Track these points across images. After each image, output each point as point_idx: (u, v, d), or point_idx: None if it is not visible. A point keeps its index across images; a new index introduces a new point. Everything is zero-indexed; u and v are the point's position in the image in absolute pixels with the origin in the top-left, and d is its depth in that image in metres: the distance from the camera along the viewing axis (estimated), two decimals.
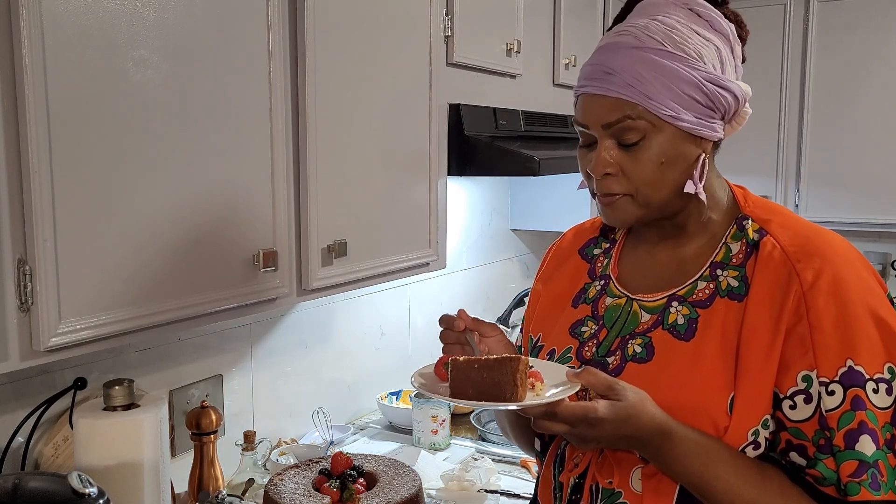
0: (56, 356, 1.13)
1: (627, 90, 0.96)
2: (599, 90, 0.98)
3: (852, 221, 3.06)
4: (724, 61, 0.99)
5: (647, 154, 0.97)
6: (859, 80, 3.03)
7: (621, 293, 1.08)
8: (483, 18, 2.06)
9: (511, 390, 0.91)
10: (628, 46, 0.97)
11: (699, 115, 0.97)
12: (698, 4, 1.00)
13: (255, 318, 1.94)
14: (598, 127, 0.99)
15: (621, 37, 0.99)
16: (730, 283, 0.99)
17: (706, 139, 0.99)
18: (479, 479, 1.83)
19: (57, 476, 1.07)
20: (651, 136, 0.97)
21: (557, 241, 1.25)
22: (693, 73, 0.96)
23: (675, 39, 0.97)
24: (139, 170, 1.20)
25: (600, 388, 0.91)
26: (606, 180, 1.00)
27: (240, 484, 1.67)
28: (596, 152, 1.00)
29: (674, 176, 0.99)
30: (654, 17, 0.99)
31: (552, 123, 2.38)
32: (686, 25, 0.98)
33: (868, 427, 0.89)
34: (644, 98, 0.95)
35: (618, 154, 0.98)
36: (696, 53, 0.97)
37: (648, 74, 0.95)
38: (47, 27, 1.06)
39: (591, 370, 0.92)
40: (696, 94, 0.96)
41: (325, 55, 1.52)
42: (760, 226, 1.01)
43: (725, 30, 1.00)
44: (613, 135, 0.98)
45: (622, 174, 0.99)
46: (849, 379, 0.90)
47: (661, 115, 0.96)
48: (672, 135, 0.97)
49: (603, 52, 1.00)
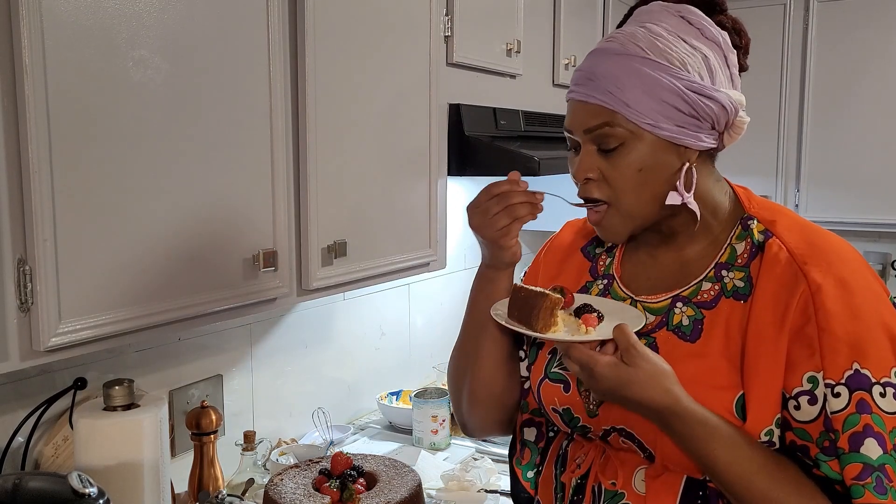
0: (56, 356, 1.13)
1: (607, 97, 0.97)
2: (582, 96, 0.99)
3: (852, 221, 3.06)
4: (714, 70, 0.98)
5: (626, 161, 0.98)
6: (859, 80, 3.03)
7: (625, 294, 1.09)
8: (483, 18, 2.06)
9: (535, 322, 0.99)
10: (612, 53, 0.98)
11: (681, 125, 0.97)
12: (691, 12, 1.00)
13: (255, 318, 1.94)
14: (581, 132, 1.00)
15: (608, 43, 1.00)
16: (735, 284, 0.99)
17: (690, 148, 0.99)
18: (479, 479, 1.83)
19: (57, 476, 1.07)
20: (630, 143, 0.97)
21: (554, 236, 1.25)
22: (675, 81, 0.96)
23: (658, 47, 0.97)
24: (139, 170, 1.20)
25: (620, 347, 0.94)
26: (588, 185, 1.01)
27: (240, 484, 1.67)
28: (579, 158, 1.01)
29: (654, 184, 0.99)
30: (644, 25, 1.00)
31: (552, 123, 2.38)
32: (673, 33, 0.98)
33: (874, 430, 0.89)
34: (623, 105, 0.96)
35: (599, 160, 1.00)
36: (680, 62, 0.96)
37: (629, 82, 0.96)
38: (47, 27, 1.06)
39: (622, 328, 0.94)
40: (678, 103, 0.96)
41: (325, 55, 1.52)
42: (766, 227, 1.01)
43: (717, 38, 1.00)
44: (594, 140, 0.99)
45: (603, 180, 1.00)
46: (855, 382, 0.89)
47: (639, 123, 0.96)
48: (652, 143, 0.97)
49: (591, 58, 1.01)
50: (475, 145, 1.96)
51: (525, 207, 1.06)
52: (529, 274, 1.24)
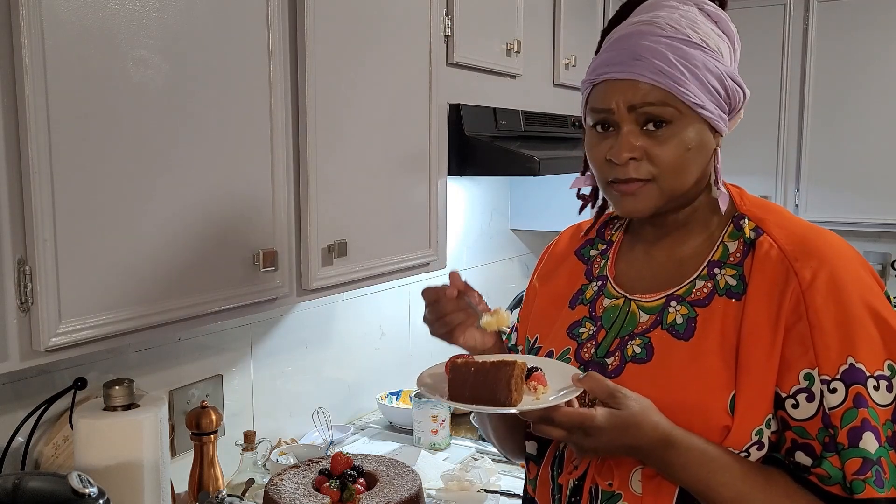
0: (56, 356, 1.13)
1: (657, 75, 0.96)
2: (628, 75, 0.97)
3: (852, 221, 3.06)
4: (732, 60, 1.02)
5: (674, 140, 0.97)
6: (859, 80, 3.03)
7: (619, 294, 1.08)
8: (483, 18, 2.06)
9: (506, 395, 0.91)
10: (655, 35, 0.98)
11: (720, 108, 0.99)
12: (707, 4, 1.02)
13: (255, 318, 1.94)
14: (624, 111, 0.98)
15: (646, 26, 0.99)
16: (728, 282, 1.00)
17: (718, 133, 1.01)
18: (479, 479, 1.83)
19: (57, 476, 1.07)
20: (678, 122, 0.97)
21: (553, 242, 1.26)
22: (718, 65, 0.98)
23: (699, 33, 0.98)
24: (139, 170, 1.20)
25: (602, 395, 0.91)
26: (629, 166, 0.98)
27: (240, 484, 1.67)
28: (620, 137, 0.98)
29: (696, 165, 0.99)
30: (675, 10, 1.00)
31: (552, 123, 2.38)
32: (703, 22, 1.00)
33: (871, 424, 0.89)
34: (673, 84, 0.96)
35: (642, 139, 0.98)
36: (717, 47, 0.99)
37: (678, 61, 0.96)
38: (47, 27, 1.06)
39: (594, 376, 0.92)
40: (719, 88, 0.98)
41: (325, 55, 1.52)
42: (757, 224, 1.01)
43: (731, 31, 1.02)
44: (638, 119, 0.98)
45: (646, 159, 0.98)
46: (850, 376, 0.90)
47: (688, 102, 0.96)
48: (697, 124, 0.98)
49: (628, 39, 0.99)
50: (475, 145, 1.96)
51: (458, 316, 1.07)
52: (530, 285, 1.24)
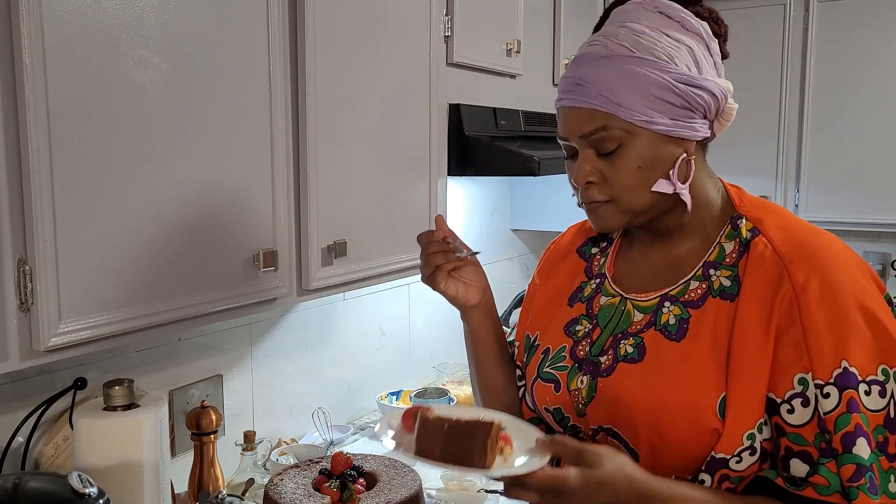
0: (56, 356, 1.13)
1: (599, 100, 0.97)
2: (574, 102, 0.99)
3: (852, 221, 3.06)
4: (700, 60, 0.99)
5: (625, 161, 0.98)
6: (859, 80, 3.03)
7: (615, 292, 1.09)
8: (483, 18, 2.06)
9: (480, 456, 0.88)
10: (598, 56, 0.98)
11: (675, 117, 0.97)
12: (668, 7, 1.00)
13: (255, 318, 1.94)
14: (576, 138, 1.00)
15: (592, 47, 1.00)
16: (722, 283, 0.99)
17: (687, 139, 1.00)
18: (479, 479, 1.83)
19: (57, 476, 1.07)
20: (627, 143, 0.97)
21: (557, 238, 1.26)
22: (664, 75, 0.96)
23: (643, 44, 0.97)
24: (139, 170, 1.20)
25: (570, 459, 0.89)
26: (589, 189, 1.01)
27: (240, 484, 1.67)
28: (577, 163, 1.01)
29: (654, 179, 0.99)
30: (624, 24, 1.00)
31: (552, 123, 2.37)
32: (655, 29, 0.98)
33: (863, 430, 0.89)
34: (616, 106, 0.96)
35: (598, 163, 0.99)
36: (667, 56, 0.97)
37: (618, 82, 0.96)
38: (47, 27, 1.05)
39: (559, 440, 0.92)
40: (669, 97, 0.96)
41: (325, 55, 1.52)
42: (754, 225, 1.01)
43: (698, 29, 1.00)
44: (591, 145, 0.99)
45: (604, 181, 1.00)
46: (843, 380, 0.89)
47: (634, 122, 0.96)
48: (649, 139, 0.97)
49: (576, 64, 1.01)
50: (475, 145, 1.96)
51: (439, 257, 1.11)
52: (532, 282, 1.25)
